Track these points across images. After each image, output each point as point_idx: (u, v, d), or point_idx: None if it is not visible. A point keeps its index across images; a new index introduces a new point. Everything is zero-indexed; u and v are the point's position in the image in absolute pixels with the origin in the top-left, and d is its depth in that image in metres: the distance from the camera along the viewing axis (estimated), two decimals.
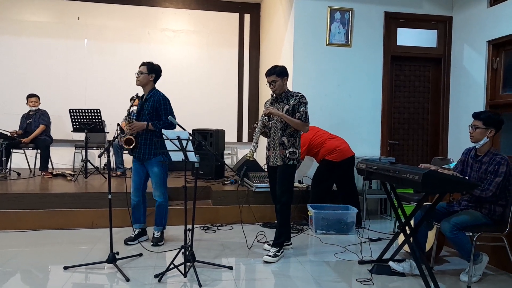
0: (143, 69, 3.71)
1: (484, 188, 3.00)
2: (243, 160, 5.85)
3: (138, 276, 3.06)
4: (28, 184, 5.14)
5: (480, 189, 3.01)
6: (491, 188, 2.98)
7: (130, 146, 3.64)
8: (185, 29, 7.19)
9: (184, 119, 4.60)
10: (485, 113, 3.14)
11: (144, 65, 3.73)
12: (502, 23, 4.73)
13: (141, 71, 3.70)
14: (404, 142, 5.79)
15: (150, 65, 3.74)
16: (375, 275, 3.17)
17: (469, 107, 5.14)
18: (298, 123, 3.51)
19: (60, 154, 6.68)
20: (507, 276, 3.25)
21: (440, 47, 5.68)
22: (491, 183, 2.99)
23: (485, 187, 3.00)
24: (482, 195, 3.00)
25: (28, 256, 3.47)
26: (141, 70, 3.70)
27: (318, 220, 4.36)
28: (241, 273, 3.24)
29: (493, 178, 2.99)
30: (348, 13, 5.38)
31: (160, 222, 3.87)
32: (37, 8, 6.77)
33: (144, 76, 3.70)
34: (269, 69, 3.61)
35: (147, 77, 3.71)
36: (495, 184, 2.97)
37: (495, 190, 2.97)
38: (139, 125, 3.63)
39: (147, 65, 3.73)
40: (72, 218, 4.32)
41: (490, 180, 3.01)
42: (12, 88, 6.68)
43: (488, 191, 2.98)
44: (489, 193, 2.98)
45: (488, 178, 3.02)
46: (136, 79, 3.71)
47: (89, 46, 6.95)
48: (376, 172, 3.18)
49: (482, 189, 3.00)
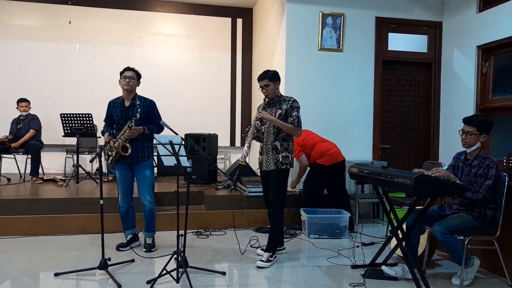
0: (132, 75, 3.67)
1: (475, 190, 3.03)
2: (236, 165, 5.85)
3: (130, 282, 3.03)
4: (18, 189, 5.09)
5: (472, 192, 3.03)
6: (481, 191, 3.01)
7: (127, 153, 3.59)
8: (178, 34, 7.19)
9: (176, 123, 4.58)
10: (477, 117, 3.15)
11: (132, 70, 3.69)
12: (491, 28, 4.80)
13: (130, 76, 3.66)
14: (396, 146, 5.83)
15: (137, 72, 3.73)
16: (368, 280, 3.17)
17: (460, 111, 5.19)
18: (290, 128, 3.52)
19: (51, 159, 6.62)
20: (499, 280, 3.27)
21: (430, 52, 5.75)
22: (482, 185, 3.02)
23: (475, 190, 3.03)
24: (474, 198, 3.03)
25: (19, 262, 3.42)
26: (130, 75, 3.65)
27: (311, 225, 4.36)
28: (234, 278, 3.23)
29: (484, 181, 3.02)
30: (339, 18, 5.42)
31: (151, 227, 3.84)
32: (28, 12, 6.72)
33: (133, 82, 3.68)
34: (261, 74, 3.62)
35: (135, 83, 3.71)
36: (485, 187, 3.00)
37: (486, 192, 3.00)
38: (139, 130, 3.61)
39: (135, 72, 3.70)
40: (63, 223, 4.28)
41: (480, 183, 3.04)
42: (2, 92, 6.61)
43: (479, 194, 3.01)
44: (479, 196, 3.01)
45: (479, 181, 3.05)
46: (127, 84, 3.63)
47: (81, 50, 6.91)
48: (368, 176, 3.19)
49: (473, 191, 3.03)
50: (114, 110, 3.73)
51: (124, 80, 3.64)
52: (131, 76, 3.66)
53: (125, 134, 3.57)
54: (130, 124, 3.57)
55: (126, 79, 3.64)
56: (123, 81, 3.64)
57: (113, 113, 3.73)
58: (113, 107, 3.75)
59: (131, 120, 3.58)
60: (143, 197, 3.74)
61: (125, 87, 3.65)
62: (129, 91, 3.68)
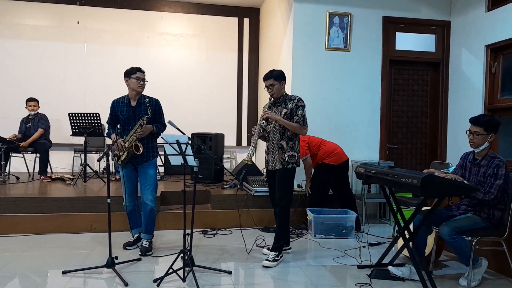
0: (145, 77, 3.68)
1: (486, 191, 2.99)
2: (242, 164, 5.86)
3: (137, 280, 3.05)
4: (27, 188, 5.14)
5: (483, 192, 2.99)
6: (492, 191, 2.97)
7: (139, 152, 3.58)
8: (185, 33, 7.22)
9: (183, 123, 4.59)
10: (483, 117, 3.12)
11: (143, 72, 3.69)
12: (500, 27, 4.76)
13: (144, 78, 3.66)
14: (403, 146, 5.80)
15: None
16: (374, 280, 3.16)
17: (468, 111, 5.15)
18: (296, 126, 3.51)
19: (59, 158, 6.68)
20: (506, 281, 3.24)
21: (438, 51, 5.71)
22: (492, 185, 2.98)
23: (486, 190, 2.99)
24: (485, 198, 2.98)
25: (27, 260, 3.46)
26: (143, 77, 3.66)
27: (317, 225, 4.35)
28: (240, 277, 3.23)
29: (494, 181, 2.99)
30: (347, 18, 5.41)
31: (150, 229, 3.77)
32: (37, 12, 6.79)
33: (145, 83, 3.70)
34: (266, 73, 3.63)
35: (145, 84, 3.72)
36: (496, 187, 2.97)
37: (497, 193, 2.96)
38: (149, 128, 3.62)
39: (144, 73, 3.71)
40: (70, 222, 4.32)
41: (490, 183, 3.00)
42: (11, 92, 6.68)
43: (490, 194, 2.97)
44: (491, 196, 2.97)
45: (489, 181, 3.02)
46: (141, 86, 3.64)
47: (89, 50, 6.96)
48: (375, 176, 3.18)
49: (484, 192, 2.99)
50: (120, 110, 3.71)
51: (137, 81, 3.62)
52: (144, 78, 3.67)
53: (136, 133, 3.57)
54: (142, 122, 3.58)
55: (139, 80, 3.62)
56: (137, 83, 3.62)
57: (119, 113, 3.71)
58: (118, 107, 3.73)
59: (143, 119, 3.58)
60: (144, 196, 3.71)
61: (139, 89, 3.64)
62: (141, 92, 3.69)
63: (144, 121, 3.58)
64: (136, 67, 3.66)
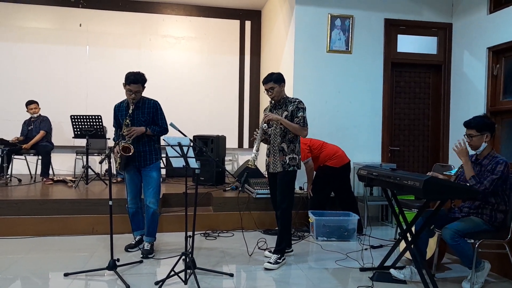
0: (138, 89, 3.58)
1: (479, 181, 3.01)
2: (244, 166, 5.85)
3: (138, 283, 3.05)
4: (28, 190, 5.14)
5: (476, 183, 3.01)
6: (485, 182, 2.99)
7: (130, 153, 3.57)
8: (186, 36, 7.23)
9: (185, 125, 4.60)
10: (474, 119, 3.18)
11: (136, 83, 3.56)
12: (502, 30, 4.75)
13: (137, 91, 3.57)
14: (405, 148, 5.79)
15: (142, 80, 3.62)
16: (376, 283, 3.15)
17: (470, 114, 5.09)
18: (297, 128, 3.52)
19: (61, 160, 6.69)
20: (509, 284, 3.23)
21: (440, 53, 5.70)
22: (487, 178, 3.01)
23: (479, 181, 3.01)
24: (476, 187, 3.00)
25: (28, 262, 3.46)
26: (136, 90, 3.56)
27: (319, 227, 4.34)
28: (242, 280, 3.23)
29: (489, 174, 3.02)
30: (348, 20, 5.41)
31: (153, 231, 3.77)
32: (39, 14, 6.81)
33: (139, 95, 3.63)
34: (265, 77, 3.63)
35: (140, 94, 3.66)
36: (490, 180, 2.98)
37: (489, 186, 2.97)
38: (138, 130, 3.58)
39: (140, 83, 3.60)
40: (72, 224, 4.32)
41: (486, 176, 3.03)
42: (13, 94, 6.70)
43: (482, 185, 2.99)
44: (482, 187, 2.98)
45: (485, 175, 3.04)
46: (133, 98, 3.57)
47: (91, 52, 6.98)
48: (377, 178, 3.18)
49: (477, 182, 3.01)
50: (120, 114, 3.72)
51: (129, 93, 3.58)
52: (137, 90, 3.58)
53: (124, 134, 3.55)
54: (125, 122, 3.57)
55: (131, 93, 3.57)
56: (128, 94, 3.59)
57: (120, 117, 3.73)
58: (119, 111, 3.74)
59: (125, 119, 3.57)
60: (147, 199, 3.70)
61: (131, 100, 3.60)
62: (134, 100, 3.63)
63: (128, 121, 3.56)
64: (131, 77, 3.55)
